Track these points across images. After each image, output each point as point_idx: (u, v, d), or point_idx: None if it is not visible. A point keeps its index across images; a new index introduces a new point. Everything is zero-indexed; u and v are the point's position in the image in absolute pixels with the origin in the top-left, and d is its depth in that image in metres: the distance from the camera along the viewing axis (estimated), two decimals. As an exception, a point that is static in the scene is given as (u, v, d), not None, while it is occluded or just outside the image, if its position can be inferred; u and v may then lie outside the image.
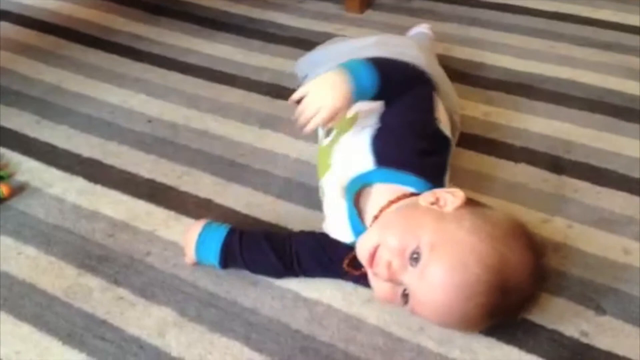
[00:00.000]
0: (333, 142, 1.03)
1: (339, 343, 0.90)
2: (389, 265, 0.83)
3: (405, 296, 0.84)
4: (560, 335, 0.90)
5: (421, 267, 0.81)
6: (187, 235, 1.00)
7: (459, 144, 1.25)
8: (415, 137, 0.95)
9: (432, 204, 0.87)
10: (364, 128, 0.99)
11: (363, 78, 0.94)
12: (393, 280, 0.83)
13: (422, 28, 1.58)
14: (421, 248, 0.81)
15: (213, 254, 0.97)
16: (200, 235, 0.98)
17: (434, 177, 0.94)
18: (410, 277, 0.82)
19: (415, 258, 0.82)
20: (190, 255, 0.99)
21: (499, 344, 0.89)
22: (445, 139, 1.00)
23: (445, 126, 1.04)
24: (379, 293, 0.88)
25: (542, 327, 0.91)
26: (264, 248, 0.97)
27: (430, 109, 1.00)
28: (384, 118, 0.98)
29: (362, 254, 0.87)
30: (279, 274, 0.98)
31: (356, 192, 0.94)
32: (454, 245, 0.81)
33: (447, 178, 0.99)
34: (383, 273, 0.83)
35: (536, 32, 1.71)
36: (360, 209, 0.94)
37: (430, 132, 0.98)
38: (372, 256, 0.85)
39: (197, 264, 1.00)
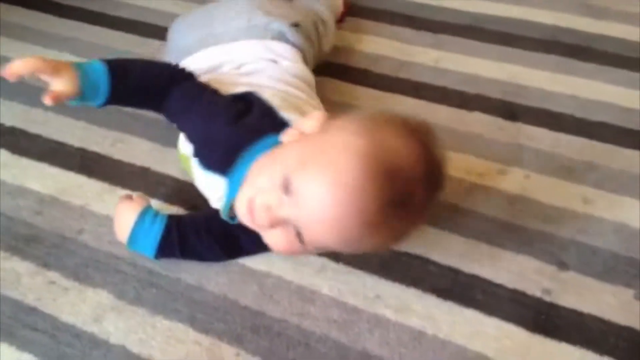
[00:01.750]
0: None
1: (291, 318, 0.84)
2: (267, 207, 0.75)
3: (299, 235, 0.75)
4: (522, 294, 0.86)
5: (295, 191, 0.73)
6: (119, 219, 0.91)
7: (406, 93, 1.20)
8: (221, 128, 0.86)
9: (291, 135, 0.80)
10: (193, 160, 0.91)
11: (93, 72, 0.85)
12: (276, 221, 0.75)
13: None
14: (289, 174, 0.73)
15: (148, 250, 0.89)
16: (133, 229, 0.89)
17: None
18: (290, 209, 0.73)
19: (286, 187, 0.73)
20: (123, 240, 0.91)
21: (459, 308, 0.85)
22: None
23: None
24: (276, 245, 0.79)
25: (502, 287, 0.87)
26: (206, 243, 0.90)
27: (211, 101, 0.90)
28: (191, 140, 0.90)
29: (241, 212, 0.78)
30: (221, 260, 0.92)
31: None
32: (318, 153, 0.73)
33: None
34: (263, 218, 0.75)
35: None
36: None
37: (231, 108, 0.88)
38: (251, 209, 0.77)
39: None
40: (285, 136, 0.81)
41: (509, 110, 1.16)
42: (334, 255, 0.92)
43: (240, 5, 1.12)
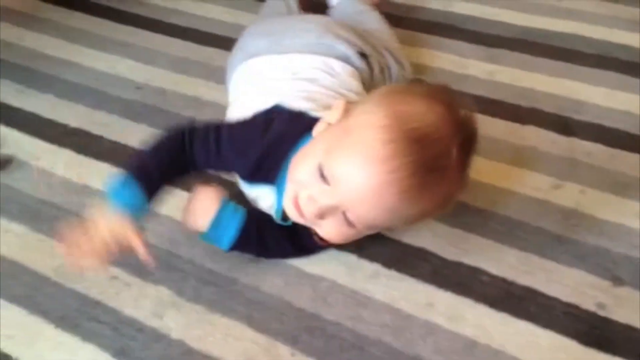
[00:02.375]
0: None
1: (345, 321, 0.86)
2: (311, 199, 0.77)
3: (347, 219, 0.77)
4: (577, 308, 0.87)
5: (330, 177, 0.75)
6: (197, 206, 0.89)
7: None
8: (254, 147, 0.88)
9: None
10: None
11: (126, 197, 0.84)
12: (322, 210, 0.77)
13: None
14: (321, 162, 0.76)
15: (224, 241, 0.90)
16: (215, 218, 0.88)
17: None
18: (332, 195, 0.76)
19: (322, 175, 0.76)
20: (199, 228, 0.89)
21: (512, 319, 0.86)
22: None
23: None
24: (330, 235, 0.82)
25: (556, 300, 0.87)
26: (279, 239, 0.92)
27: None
28: (235, 172, 0.94)
29: (290, 211, 0.81)
30: (288, 257, 0.94)
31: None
32: (343, 136, 0.76)
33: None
34: (310, 210, 0.77)
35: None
36: None
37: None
38: (297, 205, 0.79)
39: (197, 239, 0.94)
40: (314, 131, 0.84)
41: (564, 125, 1.17)
42: (387, 262, 0.93)
43: (313, 24, 1.15)
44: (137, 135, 1.17)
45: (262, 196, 0.93)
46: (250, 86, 1.06)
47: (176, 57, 1.42)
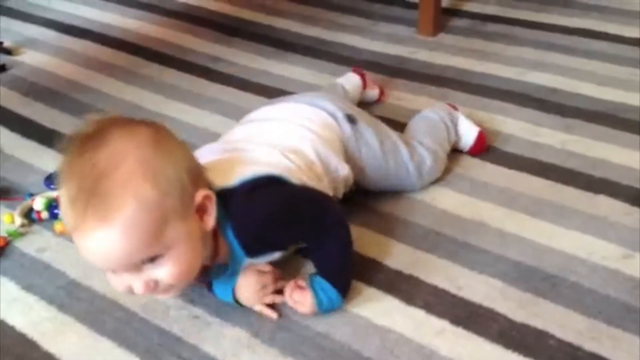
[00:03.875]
0: None
1: (412, 374, 0.89)
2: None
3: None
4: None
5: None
6: (301, 303, 0.97)
7: (533, 172, 1.24)
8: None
9: None
10: None
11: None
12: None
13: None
14: None
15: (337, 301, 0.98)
16: (321, 301, 0.96)
17: None
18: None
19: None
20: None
21: (578, 383, 0.87)
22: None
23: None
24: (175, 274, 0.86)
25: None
26: None
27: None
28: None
29: None
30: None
31: None
32: None
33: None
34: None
35: (619, 59, 1.67)
36: None
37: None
38: None
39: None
40: None
41: (638, 197, 1.18)
42: (454, 319, 0.96)
43: (319, 94, 1.25)
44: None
45: None
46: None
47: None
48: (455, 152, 1.32)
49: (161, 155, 0.82)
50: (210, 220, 0.87)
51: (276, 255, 0.99)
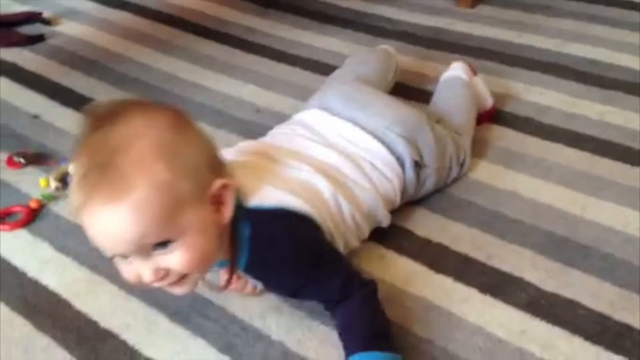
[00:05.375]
0: None
1: (438, 340, 0.89)
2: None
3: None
4: (676, 349, 0.86)
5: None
6: None
7: (569, 144, 1.22)
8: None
9: None
10: None
11: None
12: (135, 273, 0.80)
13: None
14: None
15: None
16: None
17: None
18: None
19: None
20: None
21: (607, 354, 0.85)
22: None
23: None
24: (186, 262, 0.80)
25: (653, 338, 0.87)
26: None
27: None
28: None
29: None
30: None
31: None
32: None
33: None
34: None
35: (661, 31, 1.63)
36: None
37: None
38: None
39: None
40: None
41: (676, 169, 1.15)
42: (482, 287, 0.95)
43: (392, 110, 1.12)
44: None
45: None
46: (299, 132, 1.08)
47: (296, 85, 1.51)
48: (486, 123, 1.30)
49: (179, 139, 0.78)
50: (227, 211, 0.82)
51: (259, 286, 0.95)
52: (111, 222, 0.74)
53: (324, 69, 1.55)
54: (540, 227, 1.06)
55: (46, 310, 0.96)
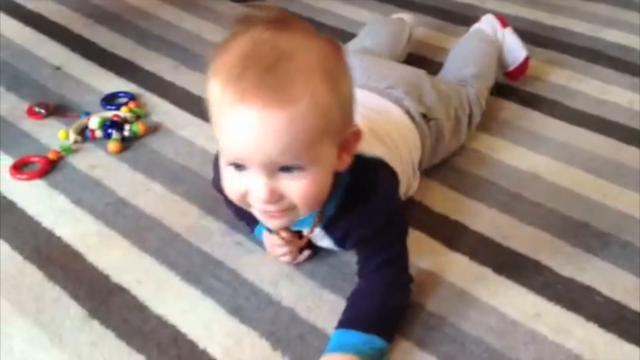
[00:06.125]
0: None
1: (450, 316, 0.88)
2: (257, 189, 0.74)
3: (288, 167, 0.73)
4: (691, 341, 0.84)
5: (234, 156, 0.74)
6: None
7: (595, 129, 1.20)
8: None
9: None
10: None
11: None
12: (271, 184, 0.74)
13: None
14: (227, 160, 0.75)
15: None
16: None
17: None
18: (255, 163, 0.72)
19: (237, 166, 0.74)
20: None
21: (620, 342, 0.84)
22: None
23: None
24: (307, 194, 0.76)
25: (670, 331, 0.85)
26: None
27: None
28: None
29: (268, 223, 0.81)
30: None
31: None
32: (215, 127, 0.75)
33: None
34: (267, 195, 0.75)
35: (699, 20, 1.59)
36: None
37: None
38: (264, 211, 0.78)
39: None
40: None
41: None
42: (497, 268, 0.94)
43: (392, 71, 1.14)
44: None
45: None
46: None
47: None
48: (512, 103, 1.28)
49: (339, 68, 0.74)
50: (348, 159, 0.79)
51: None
52: (261, 127, 0.69)
53: (350, 38, 1.53)
54: (559, 211, 1.04)
55: (58, 261, 0.96)
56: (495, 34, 1.34)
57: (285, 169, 0.73)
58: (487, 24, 1.36)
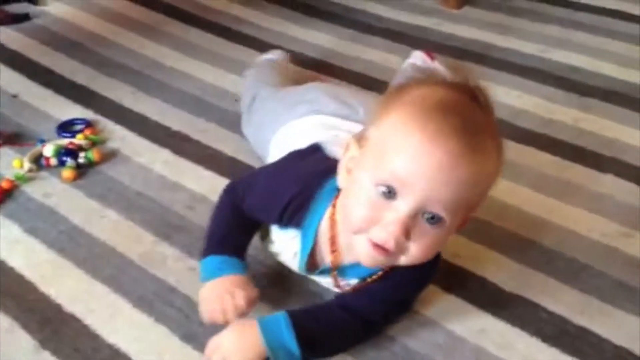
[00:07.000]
0: None
1: (399, 336, 0.89)
2: (390, 222, 0.73)
3: (432, 218, 0.74)
4: (629, 353, 0.87)
5: (396, 180, 0.73)
6: (240, 344, 0.84)
7: (543, 148, 1.23)
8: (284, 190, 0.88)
9: (349, 171, 0.80)
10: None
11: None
12: (407, 222, 0.73)
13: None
14: (379, 179, 0.73)
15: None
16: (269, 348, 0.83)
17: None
18: (407, 198, 0.72)
19: (386, 191, 0.73)
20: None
21: (563, 356, 0.87)
22: None
23: None
24: (425, 252, 0.77)
25: (609, 343, 0.88)
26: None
27: None
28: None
29: (372, 260, 0.78)
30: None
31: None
32: (382, 144, 0.75)
33: None
34: (397, 233, 0.74)
35: (642, 40, 1.65)
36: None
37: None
38: (379, 246, 0.75)
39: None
40: (339, 171, 0.82)
41: (646, 178, 1.16)
42: (445, 286, 0.96)
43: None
44: (231, 144, 1.26)
45: (286, 246, 0.92)
46: (305, 135, 1.04)
47: (277, 77, 1.50)
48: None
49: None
50: (454, 230, 0.81)
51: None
52: (450, 168, 0.71)
53: (307, 62, 1.56)
54: (506, 229, 1.07)
55: (10, 291, 0.96)
56: (427, 65, 1.36)
57: (431, 217, 0.74)
58: (417, 58, 1.40)
